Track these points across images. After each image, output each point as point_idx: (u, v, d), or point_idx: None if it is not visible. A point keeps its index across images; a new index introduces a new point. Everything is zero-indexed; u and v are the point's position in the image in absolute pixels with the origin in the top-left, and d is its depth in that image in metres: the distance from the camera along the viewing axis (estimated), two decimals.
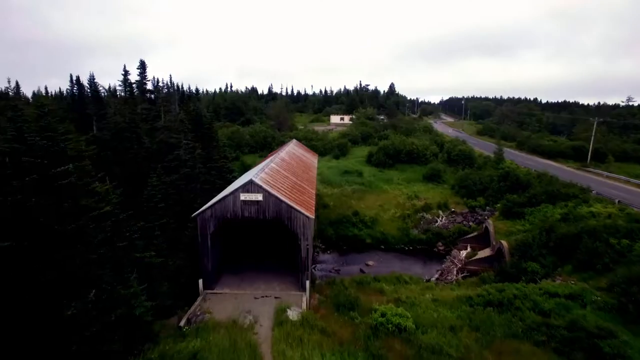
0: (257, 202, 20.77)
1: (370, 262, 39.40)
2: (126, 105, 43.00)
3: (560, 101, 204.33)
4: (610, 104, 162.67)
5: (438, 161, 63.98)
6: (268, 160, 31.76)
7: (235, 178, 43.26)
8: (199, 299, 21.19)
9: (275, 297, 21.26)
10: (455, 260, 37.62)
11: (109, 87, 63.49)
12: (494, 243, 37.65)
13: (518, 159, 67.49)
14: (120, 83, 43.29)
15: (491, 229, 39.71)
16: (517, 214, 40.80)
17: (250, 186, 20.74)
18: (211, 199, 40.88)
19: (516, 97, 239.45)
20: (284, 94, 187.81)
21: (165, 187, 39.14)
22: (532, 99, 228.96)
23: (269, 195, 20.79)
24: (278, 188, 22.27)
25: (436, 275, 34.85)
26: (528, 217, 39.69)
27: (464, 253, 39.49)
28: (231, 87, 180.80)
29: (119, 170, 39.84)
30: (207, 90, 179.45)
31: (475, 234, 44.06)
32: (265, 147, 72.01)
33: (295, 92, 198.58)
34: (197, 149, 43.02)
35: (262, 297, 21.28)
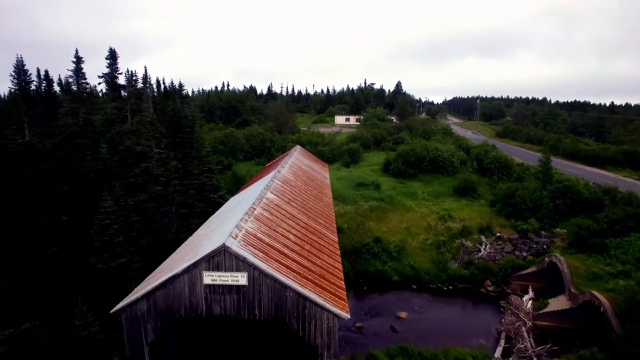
0: (238, 288, 10.84)
1: (403, 314, 29.39)
2: (80, 103, 32.91)
3: (570, 101, 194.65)
4: (619, 104, 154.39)
5: (467, 170, 53.90)
6: (263, 182, 21.65)
7: (222, 200, 33.11)
8: None
9: None
10: (521, 314, 27.52)
11: (59, 80, 53.30)
12: (572, 290, 27.61)
13: (557, 166, 57.41)
14: (71, 74, 33.33)
15: (564, 267, 29.64)
16: (596, 247, 30.83)
17: (222, 257, 10.69)
18: (189, 230, 30.90)
19: (514, 96, 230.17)
20: (284, 93, 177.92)
21: (125, 213, 29.12)
22: (540, 98, 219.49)
23: (259, 276, 10.80)
24: (278, 251, 12.19)
25: (502, 342, 24.74)
26: (614, 252, 29.75)
27: (528, 301, 29.41)
28: (228, 86, 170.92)
29: (64, 191, 29.73)
30: (202, 90, 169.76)
31: (533, 269, 34.09)
32: (263, 153, 61.97)
33: (295, 92, 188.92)
34: (172, 160, 33.00)
35: None
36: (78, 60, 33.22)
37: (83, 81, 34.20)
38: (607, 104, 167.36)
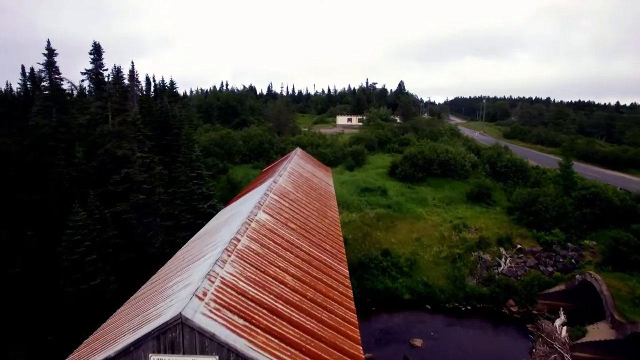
0: None
1: (418, 342, 25.78)
2: (53, 101, 29.28)
3: (575, 100, 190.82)
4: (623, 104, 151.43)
5: (480, 174, 50.26)
6: (257, 194, 17.96)
7: (213, 210, 29.37)
8: None
9: None
10: (556, 344, 23.88)
11: (29, 73, 49.64)
12: (616, 317, 23.95)
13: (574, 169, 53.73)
14: (43, 68, 29.67)
15: (603, 289, 26.00)
16: (637, 264, 27.12)
17: (178, 333, 6.93)
18: (175, 245, 27.01)
19: (516, 96, 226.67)
20: (284, 93, 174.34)
21: (100, 227, 25.49)
22: (543, 98, 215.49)
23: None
24: (267, 309, 8.36)
25: None
26: None
27: (561, 327, 25.74)
28: (226, 85, 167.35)
29: (31, 201, 26.07)
30: (200, 89, 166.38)
31: (562, 287, 30.54)
32: (261, 155, 58.30)
33: (295, 92, 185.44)
34: (157, 165, 29.37)
35: None
36: (50, 53, 29.53)
37: (56, 76, 30.53)
38: (609, 104, 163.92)
